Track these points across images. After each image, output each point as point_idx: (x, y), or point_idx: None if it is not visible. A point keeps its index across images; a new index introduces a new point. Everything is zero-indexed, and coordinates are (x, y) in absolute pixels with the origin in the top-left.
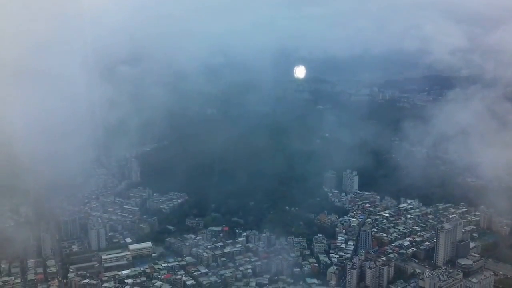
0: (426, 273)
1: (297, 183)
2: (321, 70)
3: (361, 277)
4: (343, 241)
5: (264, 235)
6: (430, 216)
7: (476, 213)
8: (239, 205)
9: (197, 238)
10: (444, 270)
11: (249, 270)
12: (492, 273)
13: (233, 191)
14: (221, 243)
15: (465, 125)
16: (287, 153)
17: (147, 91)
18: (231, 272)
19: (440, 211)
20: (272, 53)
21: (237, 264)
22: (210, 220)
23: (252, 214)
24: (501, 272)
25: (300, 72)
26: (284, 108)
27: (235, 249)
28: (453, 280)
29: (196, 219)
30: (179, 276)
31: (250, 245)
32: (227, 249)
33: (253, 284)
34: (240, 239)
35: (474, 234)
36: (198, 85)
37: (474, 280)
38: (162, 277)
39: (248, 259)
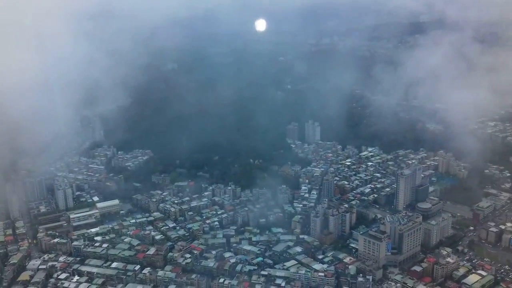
0: (387, 217)
1: (260, 135)
2: (283, 20)
3: (325, 224)
4: (307, 191)
5: (229, 188)
6: (390, 163)
7: (435, 158)
8: (204, 160)
9: (164, 193)
10: (404, 214)
11: (216, 223)
12: (450, 215)
13: (198, 146)
14: (187, 198)
15: (425, 72)
16: (249, 105)
17: (111, 48)
18: (198, 225)
19: (400, 158)
20: (236, 5)
21: (204, 217)
22: (176, 175)
23: (217, 168)
24: (458, 214)
25: (261, 24)
26: (246, 60)
27: (202, 203)
28: (412, 223)
29: (162, 175)
30: (147, 232)
31: (216, 199)
32: (193, 203)
33: (220, 236)
34: (206, 193)
35: (433, 178)
36: (163, 40)
37: (433, 222)
38: (131, 233)
39: (214, 212)
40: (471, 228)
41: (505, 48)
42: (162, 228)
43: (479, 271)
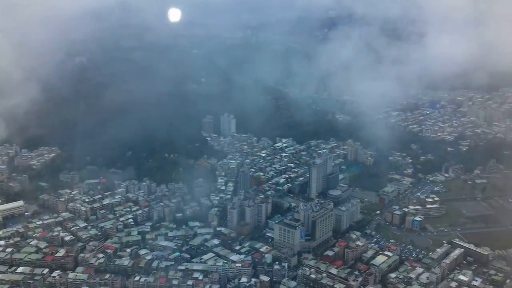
0: (301, 205)
1: (175, 129)
2: (196, 13)
3: (241, 215)
4: (223, 183)
5: (144, 184)
6: (303, 153)
7: (344, 147)
8: (116, 156)
9: (73, 192)
10: (316, 202)
11: (130, 220)
12: (358, 200)
13: (109, 142)
14: (99, 196)
15: (335, 65)
16: (164, 99)
17: (18, 38)
18: (111, 224)
19: (312, 148)
20: None
21: (117, 215)
22: (86, 173)
23: (130, 164)
24: (366, 199)
25: (175, 15)
26: (159, 53)
27: (115, 200)
28: (324, 210)
29: (71, 173)
30: (56, 233)
31: (130, 195)
32: (106, 201)
33: (135, 233)
34: (119, 190)
35: (343, 167)
36: (74, 32)
37: (343, 208)
38: (38, 235)
39: (128, 209)
40: (378, 212)
41: (407, 42)
42: (72, 229)
43: (385, 252)
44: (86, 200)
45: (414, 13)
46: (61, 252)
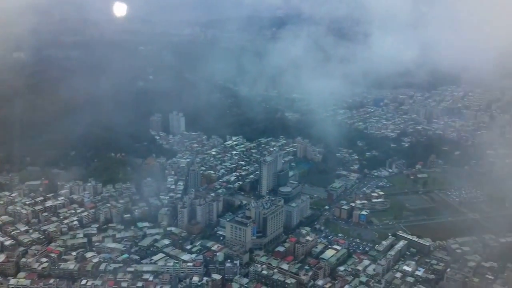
0: (252, 203)
1: (122, 128)
2: (142, 9)
3: (192, 214)
4: (173, 182)
5: (89, 184)
6: (253, 151)
7: (294, 144)
8: (59, 156)
9: (13, 195)
10: (267, 199)
11: (75, 222)
12: (308, 196)
13: (51, 141)
14: (41, 198)
15: (284, 64)
16: (109, 97)
17: None
18: (55, 227)
19: (262, 145)
20: None
21: (61, 217)
22: (27, 174)
23: (74, 164)
24: (315, 195)
25: (120, 10)
26: (104, 49)
27: (58, 202)
28: (275, 206)
29: (10, 174)
30: None
31: (75, 197)
32: (48, 203)
33: (81, 235)
34: (62, 191)
35: (292, 164)
36: (13, 26)
37: (293, 204)
38: None
39: (73, 211)
40: (327, 207)
41: (353, 41)
42: (12, 233)
43: (334, 246)
44: (27, 202)
45: (359, 14)
46: (1, 258)
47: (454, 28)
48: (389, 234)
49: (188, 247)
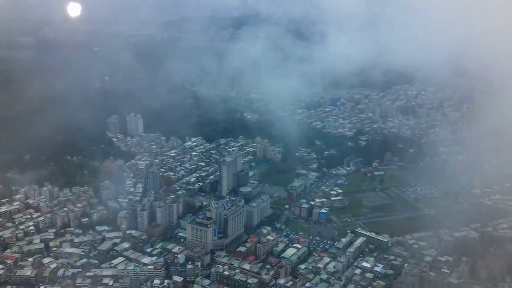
0: (212, 204)
1: (78, 130)
2: (97, 9)
3: (152, 217)
4: (132, 185)
5: (45, 188)
6: (213, 151)
7: (253, 144)
8: (14, 160)
9: None
10: (228, 199)
11: (32, 227)
12: (268, 196)
13: (4, 145)
14: None
15: (242, 64)
16: (64, 99)
17: None
18: (10, 233)
19: (222, 146)
20: None
21: (16, 223)
22: None
23: (29, 167)
24: (275, 194)
25: (74, 11)
26: (57, 50)
27: (13, 207)
28: (236, 207)
29: None
30: None
31: (30, 201)
32: (3, 209)
33: (37, 241)
34: (17, 196)
35: (252, 164)
36: None
37: (254, 204)
38: None
39: (29, 216)
40: (287, 206)
41: (310, 42)
42: None
43: (295, 245)
44: None
45: (315, 15)
46: None
47: (407, 28)
48: (348, 231)
49: (149, 250)
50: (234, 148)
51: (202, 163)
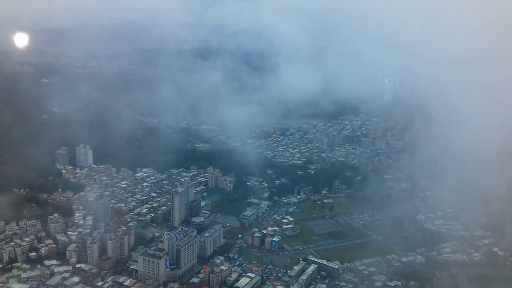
0: (165, 235)
1: (25, 163)
2: (45, 40)
3: (103, 249)
4: (81, 217)
5: None
6: (165, 182)
7: (205, 174)
8: None
9: None
10: (180, 230)
11: None
12: (221, 225)
13: None
14: None
15: (191, 95)
16: (11, 131)
17: None
18: None
19: (173, 176)
20: None
21: None
22: None
23: None
24: (228, 224)
25: (20, 41)
26: (2, 82)
27: None
28: (188, 237)
29: None
30: None
31: None
32: None
33: None
34: None
35: (204, 194)
36: None
37: (206, 234)
38: None
39: None
40: (239, 235)
41: (260, 74)
42: None
43: (248, 274)
44: None
45: (265, 48)
46: None
47: (352, 61)
48: (300, 259)
49: (99, 283)
50: (186, 179)
51: (154, 194)
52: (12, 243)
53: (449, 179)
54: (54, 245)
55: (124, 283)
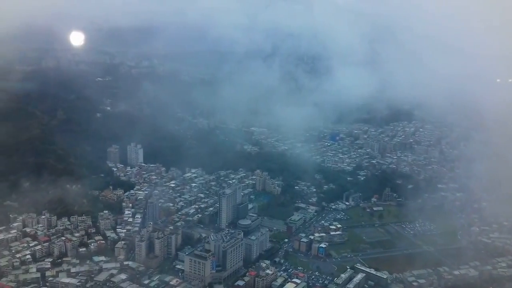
0: (211, 236)
1: (78, 159)
2: (101, 40)
3: (150, 248)
4: (130, 215)
5: (43, 217)
6: (213, 183)
7: (253, 177)
8: (11, 187)
9: None
10: (227, 232)
11: (28, 256)
12: (267, 229)
13: (3, 173)
14: None
15: (241, 97)
16: (65, 128)
17: None
18: (6, 261)
19: (221, 178)
20: (48, 21)
21: (13, 251)
22: None
23: (28, 195)
24: (274, 228)
25: (77, 41)
26: (59, 80)
27: (10, 235)
28: (235, 239)
29: None
30: None
31: (28, 229)
32: (0, 237)
33: (34, 270)
34: (15, 224)
35: (252, 196)
36: None
37: (252, 237)
38: None
39: (26, 245)
40: (286, 240)
41: (313, 78)
42: None
43: (294, 280)
44: None
45: (319, 51)
46: None
47: (406, 65)
48: (348, 267)
49: (146, 281)
50: (233, 180)
51: (202, 195)
52: (63, 238)
53: (506, 191)
54: (103, 242)
55: (170, 283)
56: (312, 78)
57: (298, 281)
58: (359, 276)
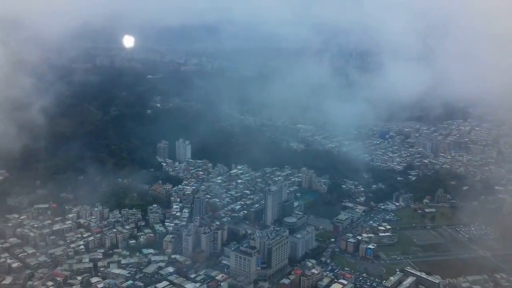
0: (257, 233)
1: (129, 154)
2: (152, 38)
3: (197, 242)
4: (178, 209)
5: (96, 209)
6: (259, 180)
7: (299, 174)
8: (68, 180)
9: (22, 217)
10: (272, 229)
11: (82, 246)
12: (313, 228)
13: (60, 166)
14: (49, 221)
15: (287, 94)
16: (118, 124)
17: None
18: (61, 250)
19: (267, 175)
20: (102, 20)
21: (68, 241)
22: (36, 197)
23: (82, 188)
24: (321, 227)
25: (129, 40)
26: (113, 77)
27: (65, 226)
28: (280, 237)
29: (19, 197)
30: (2, 259)
31: (82, 221)
32: (56, 227)
33: (86, 260)
34: (70, 215)
35: (297, 194)
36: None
37: (298, 235)
38: None
39: (80, 235)
40: (332, 239)
41: (361, 74)
42: (20, 255)
43: (340, 280)
44: (35, 225)
45: (370, 46)
46: (8, 280)
47: (462, 61)
48: (397, 270)
49: (193, 275)
50: (279, 178)
51: (247, 191)
52: (114, 230)
53: None
54: (152, 235)
55: (216, 277)
56: (363, 74)
57: (345, 282)
58: (409, 279)
